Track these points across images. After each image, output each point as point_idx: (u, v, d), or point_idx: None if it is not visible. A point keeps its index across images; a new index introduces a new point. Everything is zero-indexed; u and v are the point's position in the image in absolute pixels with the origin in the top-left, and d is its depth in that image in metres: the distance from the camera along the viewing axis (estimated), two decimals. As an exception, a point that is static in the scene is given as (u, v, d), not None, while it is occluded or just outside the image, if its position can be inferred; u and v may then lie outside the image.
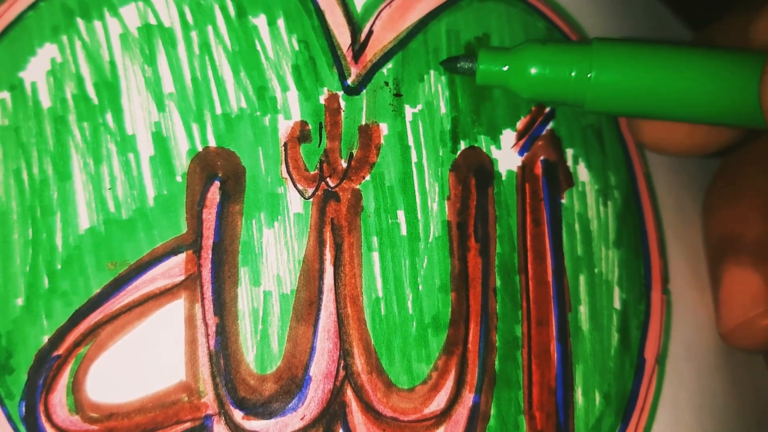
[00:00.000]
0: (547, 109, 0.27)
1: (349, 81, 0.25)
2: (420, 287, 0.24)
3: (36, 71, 0.24)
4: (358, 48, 0.26)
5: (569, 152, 0.27)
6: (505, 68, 0.24)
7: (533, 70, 0.24)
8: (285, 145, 0.24)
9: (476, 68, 0.24)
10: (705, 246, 0.28)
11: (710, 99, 0.24)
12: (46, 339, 0.23)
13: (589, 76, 0.23)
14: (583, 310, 0.26)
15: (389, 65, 0.26)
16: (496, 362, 0.24)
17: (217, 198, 0.24)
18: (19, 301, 0.23)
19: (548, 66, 0.24)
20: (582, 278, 0.26)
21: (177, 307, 0.23)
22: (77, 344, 0.23)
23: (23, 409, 0.22)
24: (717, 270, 0.27)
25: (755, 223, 0.27)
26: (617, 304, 0.26)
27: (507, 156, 0.26)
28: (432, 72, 0.26)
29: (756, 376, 0.30)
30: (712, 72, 0.24)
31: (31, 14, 0.25)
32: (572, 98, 0.24)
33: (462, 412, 0.24)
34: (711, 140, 0.26)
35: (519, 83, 0.24)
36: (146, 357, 0.23)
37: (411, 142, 0.25)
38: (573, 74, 0.24)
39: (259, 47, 0.25)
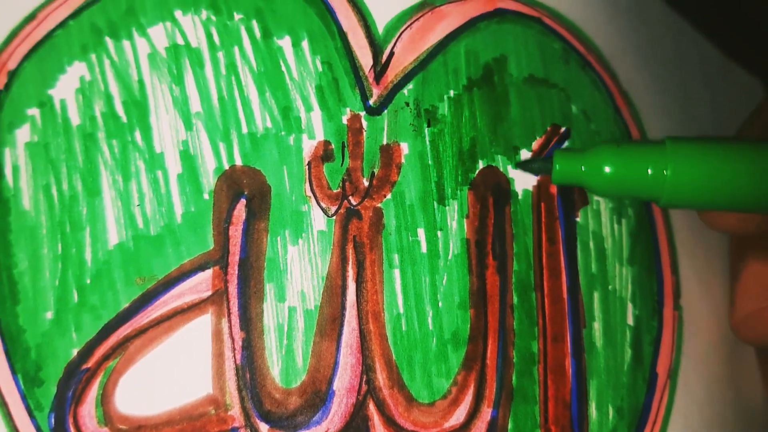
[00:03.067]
0: (563, 129, 0.27)
1: (371, 101, 0.26)
2: (440, 304, 0.25)
3: (65, 89, 0.25)
4: (380, 69, 0.26)
5: (584, 171, 0.27)
6: (582, 168, 0.25)
7: (607, 169, 0.24)
8: (309, 164, 0.25)
9: (552, 169, 0.25)
10: (729, 241, 0.29)
11: None
12: (75, 352, 0.23)
13: (665, 173, 0.24)
14: (597, 326, 0.26)
15: (410, 86, 0.26)
16: (514, 377, 0.25)
17: (243, 215, 0.24)
18: (49, 315, 0.23)
19: (624, 165, 0.24)
20: (596, 295, 0.26)
21: (204, 322, 0.24)
22: (106, 357, 0.23)
23: (52, 421, 0.23)
24: (738, 263, 0.28)
25: None
26: (630, 321, 0.27)
27: (523, 175, 0.27)
28: (452, 92, 0.26)
29: (763, 386, 0.30)
30: None
31: (60, 32, 0.25)
32: (647, 195, 0.25)
33: (481, 426, 0.24)
34: None
35: (595, 182, 0.25)
36: (174, 370, 0.23)
37: (431, 161, 0.26)
38: (649, 171, 0.24)
39: (283, 68, 0.25)
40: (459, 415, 0.24)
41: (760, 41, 0.40)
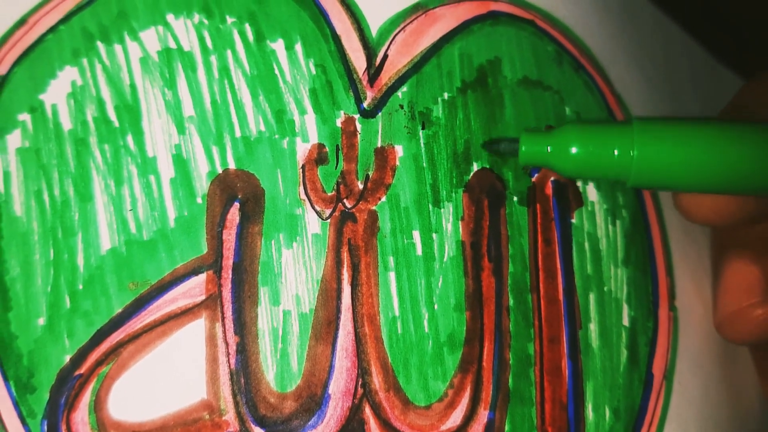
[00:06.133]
0: (557, 131, 0.27)
1: (365, 104, 0.26)
2: (435, 306, 0.25)
3: (57, 94, 0.25)
4: (374, 72, 0.26)
5: (578, 172, 0.27)
6: (549, 149, 0.24)
7: (574, 150, 0.24)
8: (303, 167, 0.25)
9: (519, 150, 0.25)
10: (711, 240, 0.29)
11: (754, 172, 0.24)
12: (68, 358, 0.23)
13: (632, 154, 0.24)
14: (593, 327, 0.26)
15: (404, 88, 0.26)
16: (510, 379, 0.25)
17: (237, 219, 0.24)
18: (41, 321, 0.23)
19: (590, 145, 0.24)
20: (592, 296, 0.26)
21: (198, 327, 0.23)
22: (99, 363, 0.23)
23: (45, 427, 0.23)
24: (719, 262, 0.28)
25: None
26: (626, 322, 0.27)
27: (518, 177, 0.27)
28: (446, 94, 0.26)
29: (757, 386, 0.30)
30: (755, 145, 0.24)
31: (51, 37, 0.25)
32: (614, 175, 0.25)
33: (477, 429, 0.24)
34: (756, 209, 0.26)
35: (561, 162, 0.24)
36: (168, 376, 0.23)
37: (425, 163, 0.26)
38: (616, 152, 0.24)
39: (277, 71, 0.25)
40: (456, 418, 0.24)
41: (749, 44, 0.40)
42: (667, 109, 0.31)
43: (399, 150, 0.26)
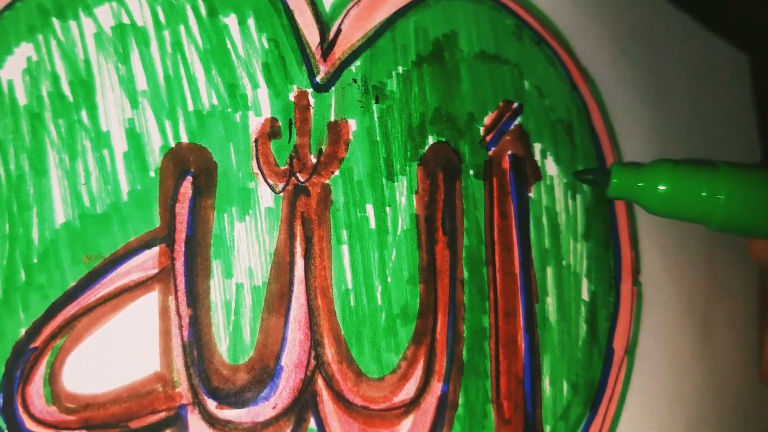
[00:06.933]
0: (515, 105, 0.27)
1: (318, 78, 0.26)
2: (389, 279, 0.25)
3: (12, 70, 0.25)
4: (327, 46, 0.26)
5: (537, 147, 0.27)
6: (640, 184, 0.25)
7: (662, 188, 0.25)
8: (256, 141, 0.25)
9: (609, 182, 0.25)
10: (760, 282, 0.29)
11: None
12: (23, 331, 0.23)
13: (719, 197, 0.25)
14: (551, 301, 0.26)
15: (357, 63, 0.26)
16: (464, 352, 0.25)
17: (190, 193, 0.24)
18: (-4, 295, 0.23)
19: (679, 185, 0.25)
20: (549, 270, 0.26)
21: (151, 300, 0.24)
22: (54, 336, 0.23)
23: (1, 400, 0.23)
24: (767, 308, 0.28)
25: None
26: (585, 296, 0.27)
27: (475, 150, 0.26)
28: (400, 68, 0.26)
29: (736, 364, 0.30)
30: None
31: (8, 14, 0.25)
32: (698, 217, 0.25)
33: (431, 401, 0.24)
34: None
35: (649, 199, 0.25)
36: (121, 348, 0.23)
37: (379, 137, 0.26)
38: (704, 194, 0.25)
39: (229, 46, 0.25)
40: (409, 390, 0.24)
41: (745, 9, 0.38)
42: (644, 83, 0.30)
43: (352, 124, 0.26)
